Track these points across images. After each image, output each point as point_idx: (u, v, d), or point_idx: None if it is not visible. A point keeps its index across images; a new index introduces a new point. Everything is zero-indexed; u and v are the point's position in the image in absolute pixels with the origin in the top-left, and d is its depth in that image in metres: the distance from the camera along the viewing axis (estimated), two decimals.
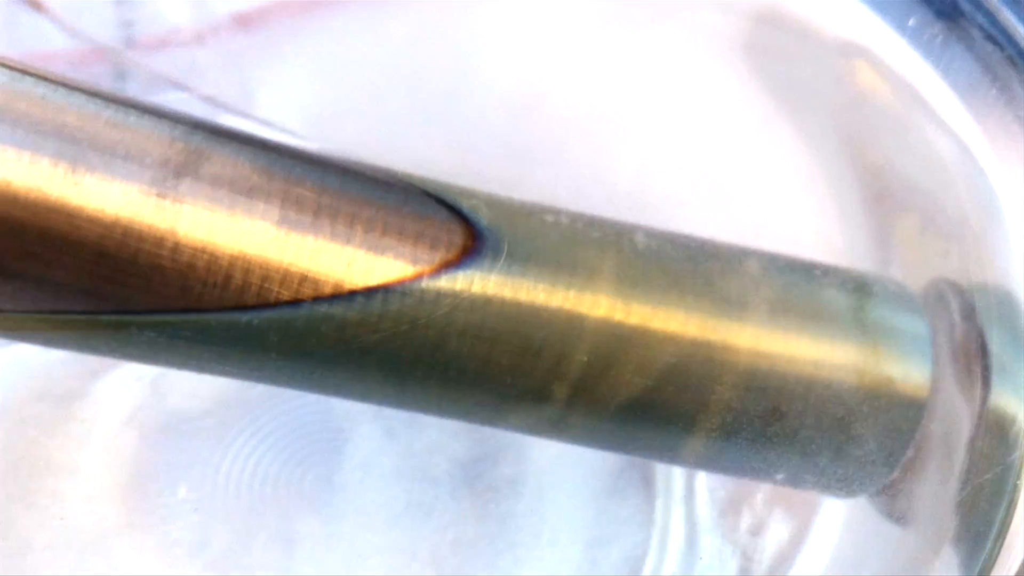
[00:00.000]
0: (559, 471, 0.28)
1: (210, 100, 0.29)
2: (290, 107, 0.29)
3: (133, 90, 0.29)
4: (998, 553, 0.20)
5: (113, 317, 0.19)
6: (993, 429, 0.22)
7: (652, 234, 0.22)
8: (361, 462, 0.28)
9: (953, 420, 0.23)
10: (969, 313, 0.23)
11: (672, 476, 0.29)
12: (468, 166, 0.26)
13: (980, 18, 0.23)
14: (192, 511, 0.27)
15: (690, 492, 0.28)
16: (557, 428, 0.22)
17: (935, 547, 0.22)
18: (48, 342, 0.20)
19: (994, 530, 0.20)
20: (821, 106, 0.27)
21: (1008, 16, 0.23)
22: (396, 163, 0.21)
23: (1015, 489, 0.21)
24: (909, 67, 0.24)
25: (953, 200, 0.24)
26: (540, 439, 0.25)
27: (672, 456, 0.23)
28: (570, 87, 0.29)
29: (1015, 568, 0.19)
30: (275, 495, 0.27)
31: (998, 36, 0.23)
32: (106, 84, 0.28)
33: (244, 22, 0.29)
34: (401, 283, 0.20)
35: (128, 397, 0.28)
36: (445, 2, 0.29)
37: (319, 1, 0.30)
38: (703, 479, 0.28)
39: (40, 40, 0.28)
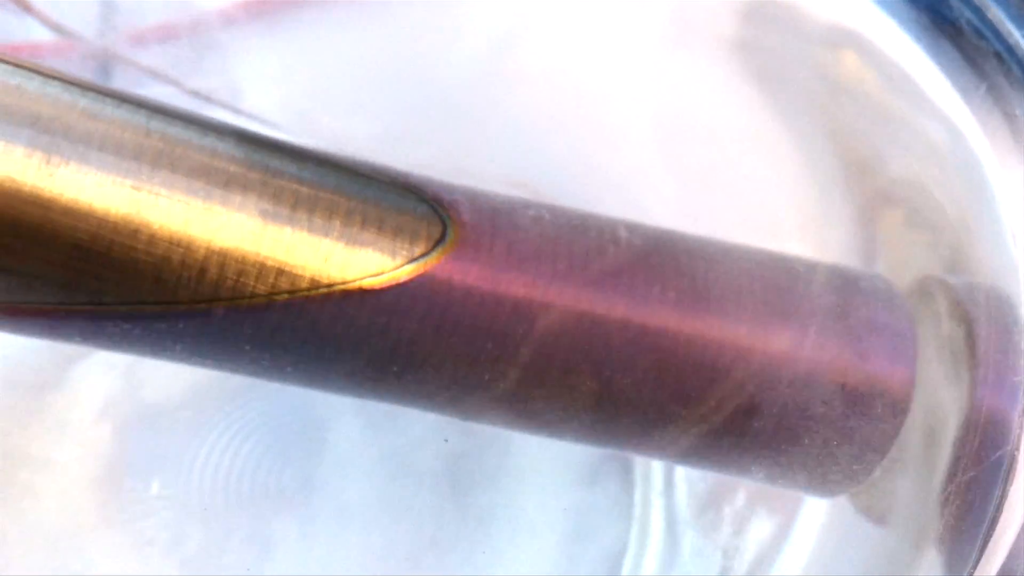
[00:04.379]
0: (539, 466, 0.28)
1: (195, 93, 0.29)
2: (277, 101, 0.29)
3: (117, 84, 0.29)
4: (985, 551, 0.20)
5: (86, 308, 0.19)
6: (980, 427, 0.22)
7: (635, 229, 0.22)
8: (339, 459, 0.28)
9: (939, 418, 0.22)
10: (956, 310, 0.23)
11: (651, 471, 0.28)
12: (455, 161, 0.26)
13: (967, 13, 0.23)
14: (166, 507, 0.27)
15: (669, 487, 0.28)
16: (536, 422, 0.22)
17: (918, 546, 0.22)
18: (20, 331, 0.20)
19: (983, 528, 0.20)
20: (808, 99, 0.27)
21: (996, 11, 0.23)
22: (382, 158, 0.21)
23: (1004, 486, 0.20)
24: (901, 53, 0.24)
25: (943, 193, 0.24)
26: (521, 433, 0.25)
27: (652, 450, 0.23)
28: (559, 80, 0.29)
29: (998, 567, 0.19)
30: (252, 492, 0.27)
31: (985, 31, 0.23)
32: (89, 78, 0.28)
33: (230, 15, 0.29)
34: (379, 277, 0.19)
35: (102, 388, 0.28)
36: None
37: None
38: (682, 474, 0.28)
39: (22, 34, 0.27)
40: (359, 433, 0.28)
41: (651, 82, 0.28)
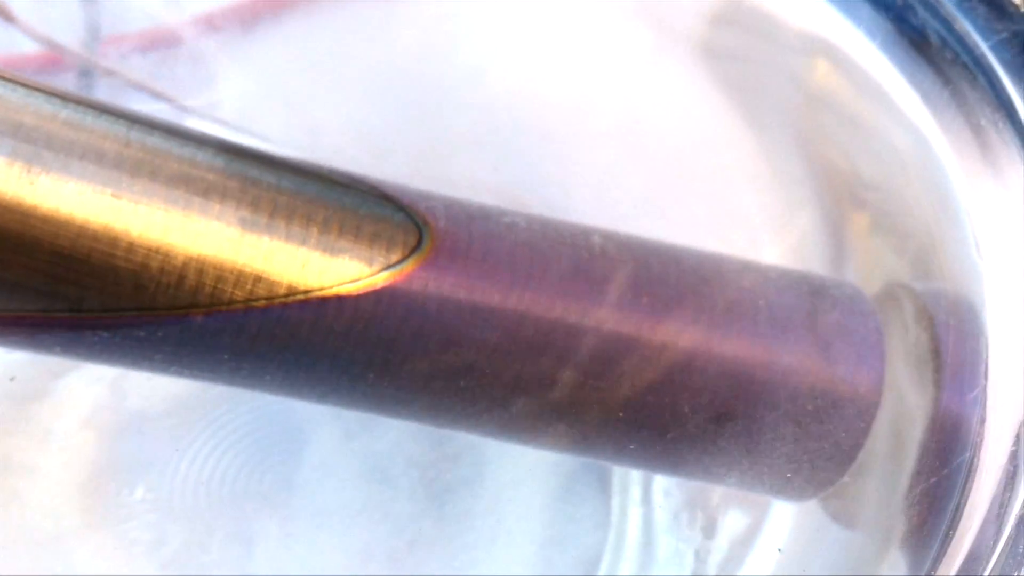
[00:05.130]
0: (516, 473, 0.28)
1: (176, 102, 0.29)
2: (256, 110, 0.29)
3: (99, 92, 0.29)
4: (946, 553, 0.20)
5: (66, 316, 0.19)
6: (945, 431, 0.22)
7: (608, 236, 0.22)
8: (320, 463, 0.28)
9: (905, 422, 0.23)
10: (922, 316, 0.23)
11: (628, 478, 0.29)
12: (433, 167, 0.26)
13: (935, 24, 0.23)
14: (150, 510, 0.27)
15: (646, 494, 0.29)
16: (512, 430, 0.22)
17: (882, 547, 0.23)
18: (1, 341, 0.20)
19: (942, 530, 0.21)
20: (779, 105, 0.27)
21: (963, 23, 0.23)
22: (359, 165, 0.21)
23: (964, 490, 0.21)
24: (870, 63, 0.24)
25: (909, 199, 0.24)
26: (497, 441, 0.25)
27: (627, 457, 0.24)
28: (536, 89, 0.29)
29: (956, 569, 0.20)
30: (233, 495, 0.27)
31: (952, 42, 0.23)
32: (71, 87, 0.28)
33: (211, 25, 0.29)
34: (356, 284, 0.20)
35: (87, 398, 0.28)
36: (419, 7, 0.29)
37: (289, 3, 0.30)
38: (659, 481, 0.28)
39: (6, 44, 0.28)
40: (337, 441, 0.28)
41: (625, 89, 0.28)
